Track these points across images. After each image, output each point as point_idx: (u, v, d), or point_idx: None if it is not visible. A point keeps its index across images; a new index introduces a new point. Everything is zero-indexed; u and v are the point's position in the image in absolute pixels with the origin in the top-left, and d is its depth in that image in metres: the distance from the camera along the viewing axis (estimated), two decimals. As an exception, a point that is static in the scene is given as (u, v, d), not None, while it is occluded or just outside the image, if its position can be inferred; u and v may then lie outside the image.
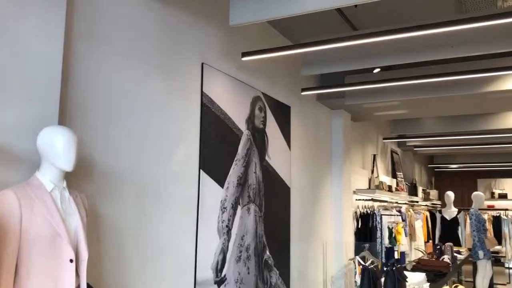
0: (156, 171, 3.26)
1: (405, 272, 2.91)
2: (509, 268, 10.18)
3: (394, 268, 2.39)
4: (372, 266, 2.45)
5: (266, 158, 4.96)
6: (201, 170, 3.83)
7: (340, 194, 6.86)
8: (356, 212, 7.23)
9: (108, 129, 2.88)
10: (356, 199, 7.39)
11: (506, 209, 10.74)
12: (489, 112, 7.75)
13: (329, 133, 6.96)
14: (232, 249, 4.24)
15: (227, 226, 4.18)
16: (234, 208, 4.33)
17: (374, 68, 5.91)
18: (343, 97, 6.31)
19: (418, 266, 3.68)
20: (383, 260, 6.61)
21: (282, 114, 5.42)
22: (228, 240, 4.19)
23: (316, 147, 6.43)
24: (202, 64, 3.93)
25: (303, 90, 5.65)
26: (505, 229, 9.23)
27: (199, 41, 3.90)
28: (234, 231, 4.29)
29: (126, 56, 3.08)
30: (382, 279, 2.42)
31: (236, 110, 4.45)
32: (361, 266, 2.42)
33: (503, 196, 15.06)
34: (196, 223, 3.70)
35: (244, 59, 4.29)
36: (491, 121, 7.96)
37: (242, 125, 4.54)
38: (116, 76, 2.98)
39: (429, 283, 3.12)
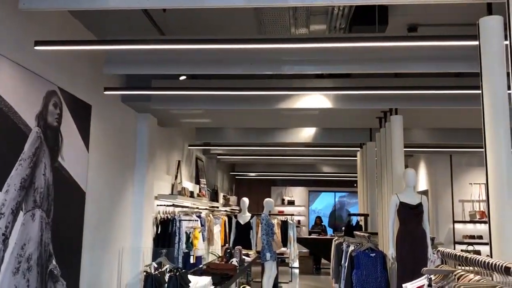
0: None
1: (191, 277, 2.97)
2: (292, 267, 11.38)
3: (177, 274, 2.41)
4: (156, 272, 2.44)
5: (59, 159, 4.56)
6: (-28, 169, 3.30)
7: (141, 200, 6.72)
8: (156, 218, 7.18)
9: None
10: (158, 205, 7.35)
11: (292, 215, 12.01)
12: (283, 127, 8.59)
13: (134, 137, 6.78)
14: (8, 260, 3.74)
15: (3, 234, 3.68)
16: (15, 214, 3.84)
17: (181, 75, 5.98)
18: (149, 100, 6.23)
19: (207, 270, 3.81)
20: (180, 265, 6.69)
21: (82, 113, 5.06)
22: (4, 250, 3.69)
23: (118, 150, 6.19)
24: (-17, 47, 3.41)
25: (106, 89, 5.39)
26: (290, 233, 10.30)
27: (-20, 20, 3.38)
28: (12, 239, 3.80)
29: None
30: (166, 285, 2.42)
31: (24, 104, 3.98)
32: (144, 273, 2.38)
33: (291, 203, 16.86)
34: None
35: (37, 48, 3.88)
36: (285, 135, 8.83)
37: (31, 121, 4.08)
38: None
39: (214, 286, 3.25)
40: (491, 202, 2.78)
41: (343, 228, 9.60)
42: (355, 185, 10.22)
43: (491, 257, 2.58)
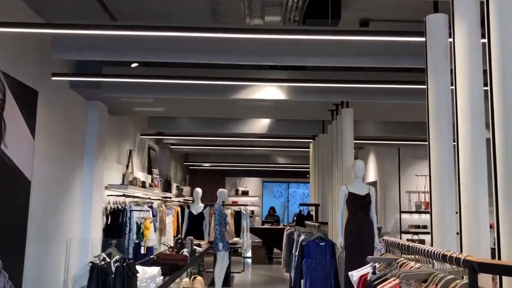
0: None
1: (139, 267, 2.93)
2: (244, 257, 11.48)
3: (124, 264, 2.37)
4: (102, 263, 2.38)
5: (1, 146, 4.36)
6: None
7: (90, 189, 6.55)
8: (106, 208, 7.02)
9: None
10: (108, 195, 7.18)
11: (246, 205, 12.08)
12: (238, 118, 8.58)
13: (83, 125, 6.58)
14: None
15: None
16: (-48, 203, 3.65)
17: (132, 62, 5.85)
18: (99, 87, 6.05)
19: (157, 260, 3.78)
20: (131, 256, 6.59)
21: (27, 98, 4.85)
22: None
23: (67, 138, 5.99)
24: None
25: (54, 75, 5.18)
26: (244, 223, 10.35)
27: None
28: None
29: None
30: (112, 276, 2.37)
31: (-37, 88, 3.77)
32: (90, 264, 2.33)
33: (245, 193, 16.94)
34: None
35: (-23, 29, 3.68)
36: (239, 125, 8.83)
37: (-30, 106, 3.87)
38: None
39: (163, 277, 3.23)
40: (433, 193, 2.91)
41: (295, 218, 9.77)
42: (308, 176, 10.39)
43: (432, 246, 2.70)
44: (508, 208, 2.16)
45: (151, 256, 4.57)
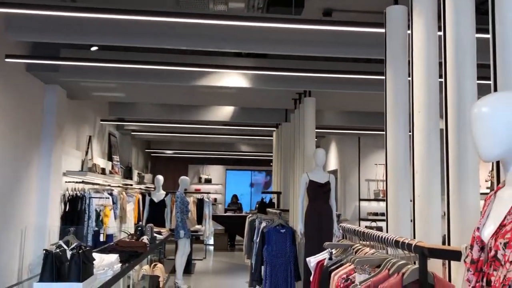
0: None
1: (97, 254, 2.89)
2: (206, 244, 11.49)
3: (80, 251, 2.33)
4: (57, 250, 2.33)
5: (-49, 130, 4.16)
6: None
7: (47, 176, 6.36)
8: (64, 195, 6.85)
9: None
10: (66, 181, 7.00)
11: (209, 193, 12.07)
12: (201, 104, 8.52)
13: (40, 109, 6.36)
14: None
15: None
16: None
17: (92, 45, 5.69)
18: (57, 71, 5.86)
19: (116, 248, 3.73)
20: (90, 244, 6.47)
21: (-21, 80, 4.65)
22: None
23: (22, 123, 5.78)
24: None
25: (8, 56, 4.98)
26: (206, 210, 10.34)
27: None
28: None
29: None
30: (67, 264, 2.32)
31: None
32: (44, 251, 2.27)
33: (208, 181, 16.90)
34: None
35: None
36: (202, 113, 8.76)
37: None
38: None
39: (121, 264, 3.19)
40: (389, 182, 2.99)
41: (257, 205, 9.84)
42: (271, 164, 10.46)
43: (387, 233, 2.78)
44: (458, 196, 2.25)
45: (110, 243, 4.51)
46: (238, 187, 17.48)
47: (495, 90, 2.02)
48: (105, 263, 2.89)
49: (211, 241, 12.66)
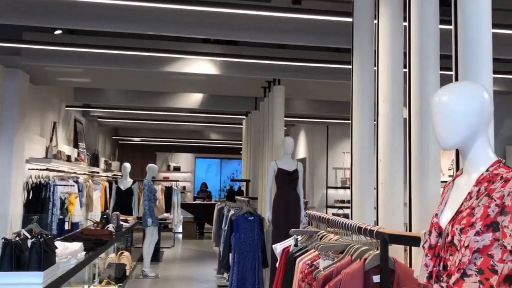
0: None
1: (59, 243, 2.83)
2: (175, 233, 11.44)
3: (41, 240, 2.27)
4: (17, 239, 2.27)
5: None
6: None
7: (9, 162, 6.18)
8: (27, 183, 6.67)
9: None
10: (30, 169, 6.82)
11: (177, 180, 11.99)
12: (169, 91, 8.41)
13: (1, 94, 6.15)
14: None
15: None
16: None
17: (56, 29, 5.51)
18: (19, 54, 5.66)
19: (80, 236, 3.66)
20: (54, 232, 6.34)
21: None
22: None
23: (-19, 108, 5.58)
24: None
25: (-35, 38, 4.78)
26: (174, 198, 10.27)
27: None
28: None
29: None
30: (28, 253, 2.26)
31: None
32: (3, 240, 2.20)
33: (177, 169, 16.77)
34: None
35: None
36: (171, 100, 8.65)
37: None
38: None
39: (85, 252, 3.14)
40: (354, 170, 3.03)
41: (226, 193, 9.85)
42: (240, 152, 10.46)
43: (352, 219, 2.83)
44: (420, 184, 2.30)
45: (75, 232, 4.43)
46: (208, 175, 17.43)
47: (456, 80, 2.07)
48: (69, 251, 2.84)
49: (180, 229, 12.61)
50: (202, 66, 6.13)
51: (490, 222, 1.33)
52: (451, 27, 2.14)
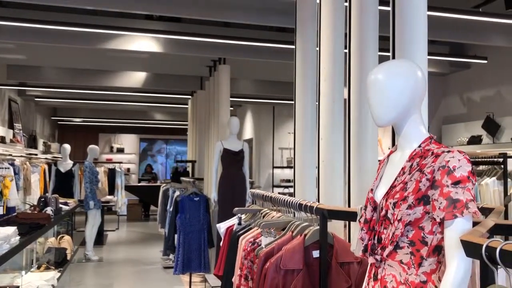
0: None
1: (-9, 228, 2.68)
2: (119, 215, 11.20)
3: (-31, 225, 2.14)
4: None
5: None
6: None
7: None
8: (-43, 166, 6.27)
9: None
10: (-41, 151, 6.41)
11: (121, 162, 11.69)
12: (110, 69, 8.11)
13: None
14: None
15: None
16: None
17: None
18: None
19: (16, 220, 3.49)
20: (-12, 217, 6.02)
21: None
22: None
23: None
24: None
25: None
26: (118, 181, 10.03)
27: None
28: None
29: None
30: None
31: None
32: None
33: (120, 150, 16.33)
34: None
35: None
36: (113, 78, 8.36)
37: None
38: None
39: (20, 237, 3.01)
40: (297, 149, 3.08)
41: (171, 174, 9.73)
42: (186, 133, 10.34)
43: (295, 197, 2.88)
44: (358, 162, 2.37)
45: (10, 215, 4.22)
46: (154, 156, 17.13)
47: (393, 60, 2.12)
48: (1, 236, 2.70)
49: (125, 212, 12.36)
50: (145, 43, 5.95)
51: (421, 196, 1.38)
52: (390, 8, 2.19)
